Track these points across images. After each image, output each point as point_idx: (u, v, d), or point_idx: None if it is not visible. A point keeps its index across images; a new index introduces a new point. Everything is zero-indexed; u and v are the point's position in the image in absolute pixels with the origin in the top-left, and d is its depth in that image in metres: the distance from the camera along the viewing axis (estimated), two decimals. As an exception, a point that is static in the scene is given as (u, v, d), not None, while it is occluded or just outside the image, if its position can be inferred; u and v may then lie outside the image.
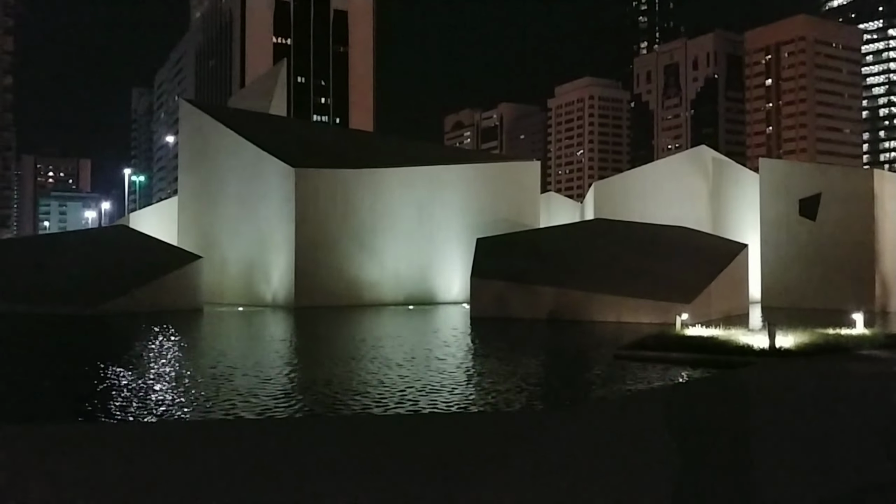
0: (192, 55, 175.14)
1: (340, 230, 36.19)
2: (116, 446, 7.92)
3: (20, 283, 32.66)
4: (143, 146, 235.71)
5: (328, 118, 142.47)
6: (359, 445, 7.72)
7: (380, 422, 9.79)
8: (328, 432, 8.79)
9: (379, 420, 9.93)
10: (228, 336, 23.78)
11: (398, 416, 10.11)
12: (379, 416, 10.16)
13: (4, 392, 12.70)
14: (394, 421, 9.84)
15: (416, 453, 7.39)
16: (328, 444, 7.86)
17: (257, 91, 54.02)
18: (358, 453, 7.26)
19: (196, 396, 11.77)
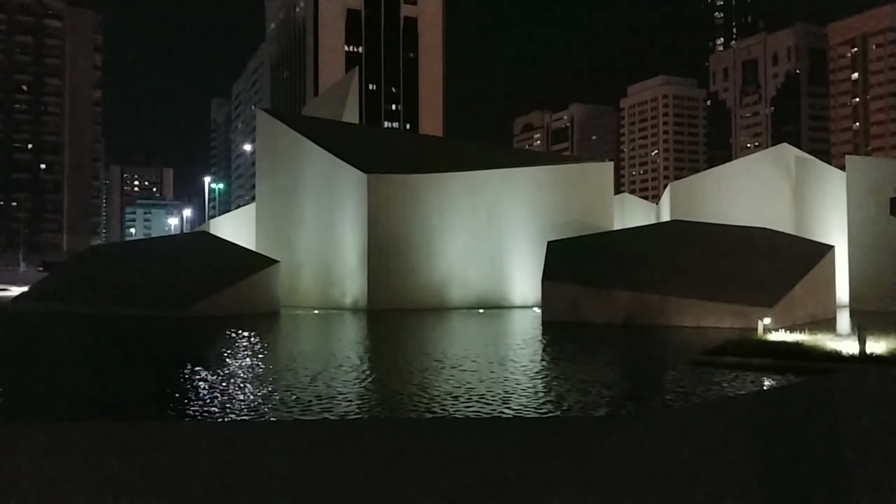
0: (268, 66, 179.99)
1: (411, 234, 36.48)
2: (210, 444, 8.14)
3: (109, 286, 34.16)
4: (221, 155, 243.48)
5: (399, 124, 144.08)
6: (439, 448, 7.72)
7: (456, 425, 9.78)
8: (405, 434, 8.82)
9: (455, 423, 9.91)
10: (311, 338, 24.22)
11: (475, 420, 10.08)
12: (456, 420, 10.15)
13: (107, 391, 13.26)
14: (470, 424, 9.81)
15: (495, 457, 7.33)
16: (407, 447, 7.88)
17: (330, 99, 55.05)
18: (441, 455, 7.26)
19: (288, 396, 12.01)
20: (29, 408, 11.74)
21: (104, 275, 36.44)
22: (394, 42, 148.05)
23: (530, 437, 8.80)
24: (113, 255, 45.44)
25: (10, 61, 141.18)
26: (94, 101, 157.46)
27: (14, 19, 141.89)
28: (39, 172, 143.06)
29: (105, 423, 9.88)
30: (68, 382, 14.48)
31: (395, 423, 10.02)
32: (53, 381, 14.84)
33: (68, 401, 12.27)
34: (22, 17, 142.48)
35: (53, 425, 9.76)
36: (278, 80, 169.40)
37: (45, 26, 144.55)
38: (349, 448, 7.82)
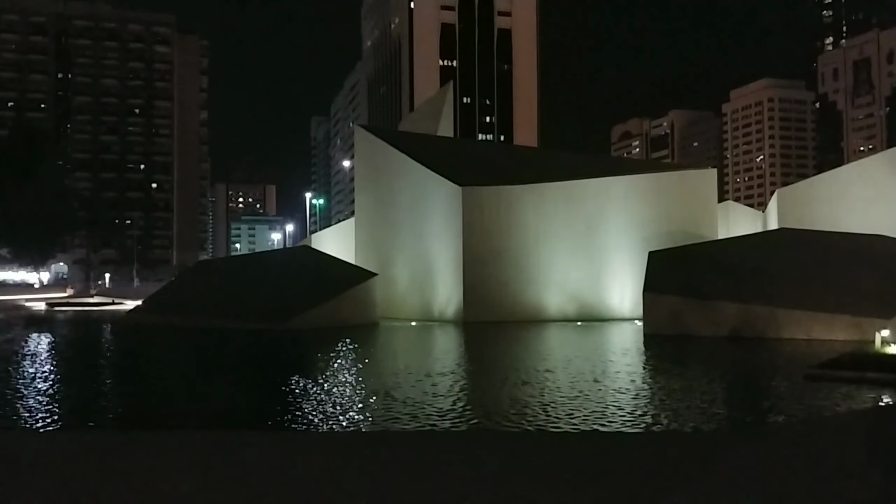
0: (365, 83, 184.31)
1: (507, 246, 36.33)
2: (316, 453, 8.30)
3: (215, 300, 35.63)
4: (321, 171, 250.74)
5: (493, 136, 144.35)
6: (545, 461, 7.58)
7: (557, 439, 9.60)
8: (519, 447, 8.69)
9: (557, 438, 9.73)
10: (415, 351, 24.45)
11: (577, 434, 9.87)
12: (556, 434, 9.97)
13: (225, 400, 13.78)
14: (573, 439, 9.61)
15: (599, 471, 7.14)
16: (527, 460, 7.76)
17: (425, 113, 55.77)
18: (547, 469, 7.12)
19: (401, 406, 12.15)
20: (154, 416, 12.32)
21: (211, 289, 38.08)
22: (488, 54, 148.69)
23: (645, 452, 8.52)
24: (219, 270, 47.47)
25: (124, 87, 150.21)
26: (200, 121, 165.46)
27: (127, 47, 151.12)
28: (151, 191, 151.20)
29: (231, 432, 10.20)
30: (187, 392, 15.13)
31: (507, 436, 9.91)
32: (172, 390, 15.56)
33: (189, 410, 12.80)
34: (133, 45, 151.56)
35: (176, 431, 10.19)
36: (375, 97, 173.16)
37: (154, 52, 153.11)
38: (472, 460, 7.78)
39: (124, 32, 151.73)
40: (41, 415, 11.96)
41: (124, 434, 10.02)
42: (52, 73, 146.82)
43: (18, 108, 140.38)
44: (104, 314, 50.84)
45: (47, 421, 11.53)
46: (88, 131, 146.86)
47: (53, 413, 12.26)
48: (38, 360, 20.79)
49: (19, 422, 11.29)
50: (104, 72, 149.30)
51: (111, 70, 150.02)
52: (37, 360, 20.96)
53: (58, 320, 45.06)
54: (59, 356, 23.34)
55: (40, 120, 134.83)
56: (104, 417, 12.41)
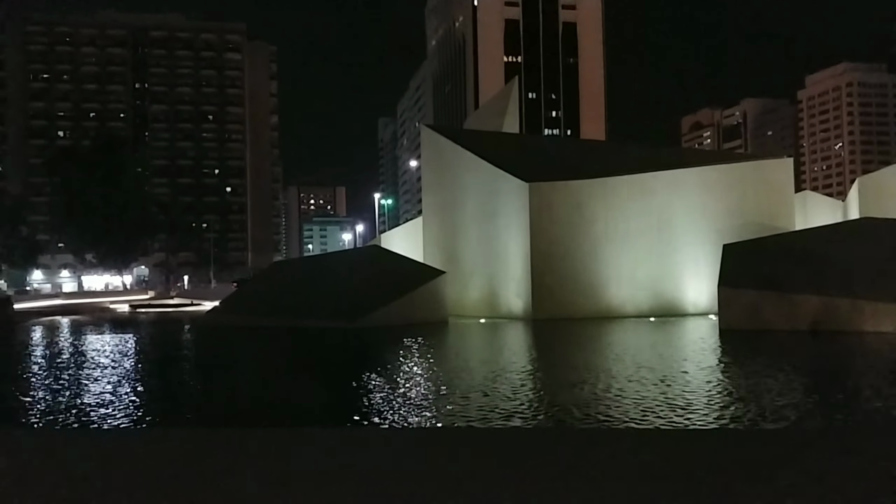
0: (430, 82, 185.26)
1: (576, 241, 35.96)
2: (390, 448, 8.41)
3: (289, 300, 36.46)
4: (389, 171, 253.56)
5: (559, 131, 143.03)
6: (646, 460, 7.48)
7: (639, 437, 9.45)
8: (603, 445, 8.60)
9: (638, 435, 9.59)
10: (487, 348, 24.41)
11: (673, 431, 9.70)
12: (638, 431, 9.82)
13: (306, 398, 14.12)
14: (652, 435, 9.45)
15: (678, 469, 6.99)
16: (611, 458, 7.68)
17: (491, 111, 55.68)
18: (653, 466, 7.03)
19: (480, 403, 12.22)
20: (245, 413, 12.69)
21: (285, 289, 38.98)
22: (553, 49, 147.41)
23: (732, 449, 8.31)
24: (293, 271, 48.53)
25: (198, 94, 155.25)
26: (271, 126, 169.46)
27: (199, 56, 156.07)
28: (226, 195, 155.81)
29: (320, 429, 10.43)
30: (268, 390, 15.54)
31: (587, 434, 9.82)
32: (256, 388, 16.00)
33: (275, 407, 13.15)
34: (206, 53, 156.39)
35: (268, 430, 10.47)
36: (440, 96, 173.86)
37: (226, 60, 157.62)
38: (557, 458, 7.75)
39: (197, 41, 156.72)
40: (133, 413, 12.47)
41: (221, 431, 10.33)
42: (130, 83, 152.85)
43: (100, 119, 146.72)
44: (184, 315, 52.68)
45: (132, 420, 12.01)
46: (165, 138, 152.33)
47: (144, 412, 12.76)
48: (127, 360, 21.68)
49: (117, 420, 11.79)
50: (179, 80, 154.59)
51: (185, 78, 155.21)
52: (125, 359, 21.86)
53: (141, 321, 46.90)
54: (145, 356, 24.30)
55: (120, 129, 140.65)
56: (197, 415, 12.80)
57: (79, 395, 14.36)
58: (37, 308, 61.82)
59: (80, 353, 24.25)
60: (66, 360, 21.51)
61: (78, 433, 10.72)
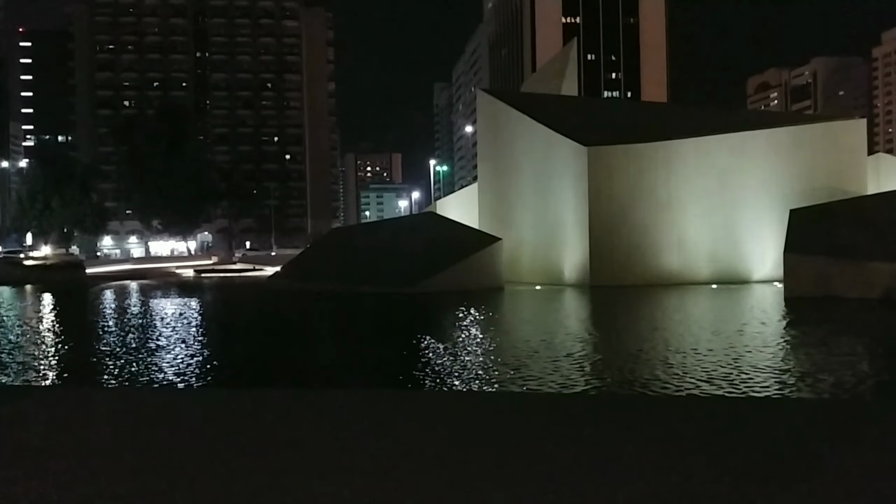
0: (486, 46, 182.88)
1: (636, 206, 35.21)
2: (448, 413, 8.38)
3: (347, 265, 36.85)
4: (444, 137, 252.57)
5: (619, 93, 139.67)
6: (702, 428, 7.28)
7: (697, 403, 9.20)
8: (670, 412, 8.40)
9: (696, 401, 9.34)
10: (547, 314, 24.23)
11: (716, 399, 9.44)
12: (697, 398, 9.58)
13: (371, 360, 14.28)
14: (710, 402, 9.19)
15: (735, 439, 6.76)
16: (678, 426, 7.49)
17: (548, 74, 54.65)
18: (683, 434, 6.84)
19: (545, 368, 12.14)
20: (323, 375, 12.88)
21: (343, 255, 39.40)
22: (612, 8, 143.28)
23: (793, 419, 8.02)
24: (351, 237, 48.99)
25: (256, 62, 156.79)
26: (328, 93, 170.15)
27: (258, 24, 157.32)
28: (285, 162, 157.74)
29: (392, 391, 10.51)
30: (341, 352, 15.76)
31: (669, 402, 9.61)
32: (327, 350, 16.25)
33: (344, 369, 13.34)
34: (264, 21, 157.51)
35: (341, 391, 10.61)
36: (496, 60, 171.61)
37: (283, 27, 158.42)
38: (625, 426, 7.61)
39: (255, 9, 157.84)
40: (208, 373, 12.80)
41: (300, 391, 10.47)
42: (192, 52, 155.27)
43: (163, 88, 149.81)
44: (246, 280, 53.88)
45: (208, 379, 12.31)
46: (225, 107, 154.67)
47: (218, 372, 13.05)
48: (197, 323, 22.25)
49: (197, 380, 12.10)
50: (238, 49, 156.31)
51: (244, 47, 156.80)
52: (195, 322, 22.44)
53: (206, 286, 48.17)
54: (215, 319, 24.91)
55: (182, 98, 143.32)
56: (273, 377, 12.99)
57: (155, 355, 14.78)
58: (107, 273, 64.08)
59: (154, 315, 25.01)
60: (141, 322, 22.19)
61: (155, 391, 11.03)
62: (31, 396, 10.31)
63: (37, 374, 13.10)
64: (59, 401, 9.72)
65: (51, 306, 31.90)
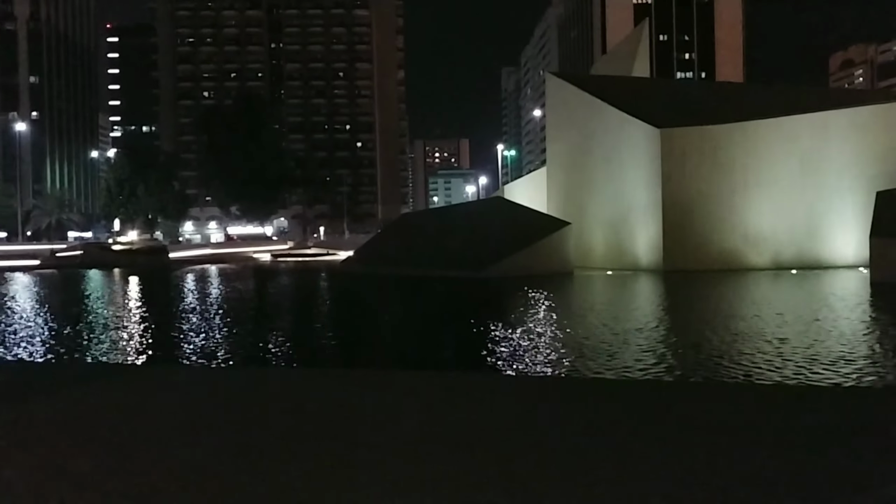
0: (555, 29, 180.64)
1: (711, 190, 34.45)
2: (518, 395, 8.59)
3: (417, 250, 37.33)
4: (512, 122, 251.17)
5: (693, 74, 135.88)
6: (755, 414, 7.28)
7: (775, 393, 9.13)
8: (755, 402, 8.40)
9: (774, 391, 9.26)
10: (621, 300, 23.95)
11: (795, 388, 9.33)
12: (779, 386, 9.49)
13: (444, 343, 14.63)
14: (788, 392, 9.10)
15: (814, 426, 6.73)
16: (736, 413, 7.52)
17: (619, 55, 53.75)
18: (756, 422, 6.86)
19: (623, 353, 12.24)
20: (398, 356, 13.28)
21: (412, 239, 39.92)
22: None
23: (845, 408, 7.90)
24: (420, 222, 49.51)
25: (328, 52, 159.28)
26: (398, 80, 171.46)
27: (329, 13, 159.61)
28: (356, 150, 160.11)
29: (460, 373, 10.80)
30: (416, 334, 16.12)
31: (746, 389, 9.57)
32: (402, 332, 16.66)
33: (421, 351, 13.69)
34: (335, 11, 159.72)
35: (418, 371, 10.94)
36: (565, 42, 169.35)
37: (354, 16, 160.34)
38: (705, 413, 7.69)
39: (327, 0, 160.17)
40: (287, 353, 13.36)
41: (374, 372, 10.86)
42: (267, 43, 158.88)
43: (240, 79, 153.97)
44: (321, 264, 55.17)
45: (286, 360, 12.85)
46: (299, 96, 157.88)
47: (297, 353, 13.59)
48: (279, 305, 23.08)
49: (276, 361, 12.66)
50: (310, 39, 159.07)
51: (317, 37, 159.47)
52: (276, 304, 23.27)
53: (282, 270, 49.61)
54: (294, 301, 25.73)
55: (258, 88, 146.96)
56: (353, 357, 13.39)
57: (235, 335, 15.46)
58: (188, 257, 66.57)
59: (234, 297, 26.02)
60: (222, 304, 23.11)
61: (236, 370, 11.60)
62: (147, 378, 10.95)
63: (138, 353, 13.86)
64: (146, 378, 10.35)
65: (138, 288, 33.48)
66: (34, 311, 21.52)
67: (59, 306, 23.99)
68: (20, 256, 61.36)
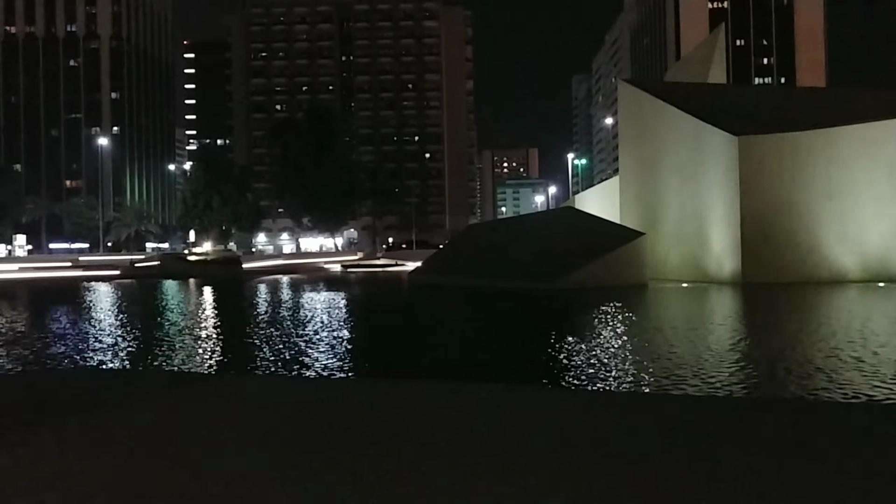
0: (627, 35, 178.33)
1: (792, 199, 33.09)
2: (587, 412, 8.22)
3: (485, 261, 37.03)
4: (583, 130, 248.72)
5: (772, 79, 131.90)
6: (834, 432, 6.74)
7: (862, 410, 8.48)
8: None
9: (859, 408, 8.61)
10: (708, 313, 23.10)
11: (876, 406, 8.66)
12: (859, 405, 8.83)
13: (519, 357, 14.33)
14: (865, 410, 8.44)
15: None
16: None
17: (694, 61, 52.45)
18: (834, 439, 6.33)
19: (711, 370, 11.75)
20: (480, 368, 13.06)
21: (481, 250, 39.64)
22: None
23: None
24: (488, 232, 49.22)
25: (398, 64, 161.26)
26: (466, 91, 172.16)
27: (399, 25, 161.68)
28: (424, 161, 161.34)
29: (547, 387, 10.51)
30: (492, 347, 15.86)
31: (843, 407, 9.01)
32: (480, 344, 16.42)
33: (499, 364, 13.42)
34: (404, 23, 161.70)
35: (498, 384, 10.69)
36: (638, 49, 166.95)
37: (423, 28, 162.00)
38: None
39: (396, 12, 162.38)
40: (358, 364, 13.28)
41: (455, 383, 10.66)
42: (337, 56, 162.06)
43: (311, 91, 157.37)
44: (390, 275, 55.55)
45: (360, 370, 12.77)
46: (369, 108, 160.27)
47: (369, 364, 13.51)
48: (350, 316, 23.16)
49: (345, 370, 12.59)
50: (380, 51, 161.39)
51: (386, 49, 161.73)
52: (348, 315, 23.37)
53: (353, 280, 50.10)
54: (364, 312, 25.83)
55: (329, 100, 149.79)
56: (429, 368, 13.24)
57: (312, 345, 15.49)
58: (261, 267, 68.05)
59: (306, 307, 26.28)
60: (295, 314, 23.35)
61: (301, 380, 11.55)
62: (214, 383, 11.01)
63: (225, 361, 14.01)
64: (222, 387, 10.35)
65: (212, 297, 34.25)
66: (140, 320, 22.17)
67: (176, 315, 24.67)
68: (101, 267, 63.91)
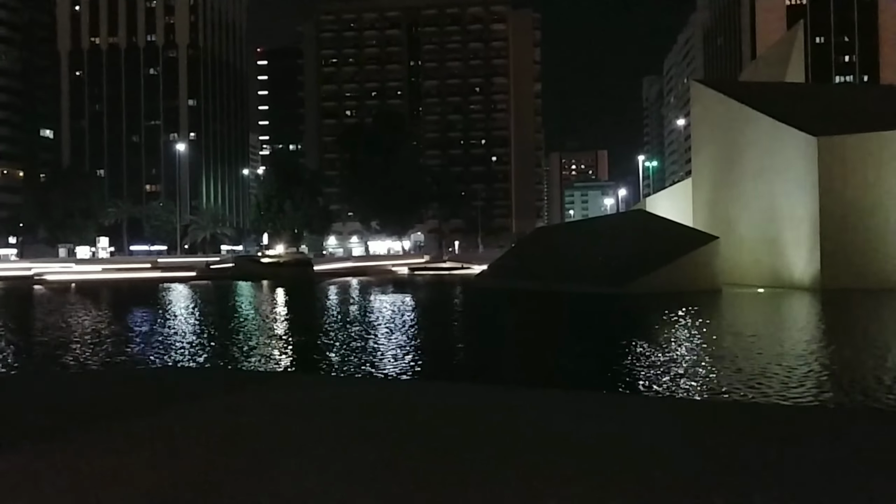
0: (700, 35, 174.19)
1: (876, 202, 31.74)
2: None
3: (553, 264, 36.76)
4: (654, 132, 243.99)
5: (854, 77, 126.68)
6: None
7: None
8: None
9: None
10: (790, 320, 22.21)
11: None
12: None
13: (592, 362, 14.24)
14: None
15: None
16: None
17: (770, 60, 50.87)
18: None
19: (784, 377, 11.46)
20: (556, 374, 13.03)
21: (548, 254, 39.38)
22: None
23: None
24: (555, 236, 48.86)
25: (466, 68, 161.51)
26: (534, 94, 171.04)
27: (466, 29, 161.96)
28: (491, 164, 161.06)
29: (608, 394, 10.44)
30: (564, 352, 15.76)
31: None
32: (551, 349, 16.34)
33: (568, 369, 13.33)
34: (472, 27, 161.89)
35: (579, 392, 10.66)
36: (711, 49, 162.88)
37: (491, 31, 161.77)
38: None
39: (464, 16, 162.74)
40: (419, 367, 13.41)
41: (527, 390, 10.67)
42: (406, 61, 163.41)
43: (380, 97, 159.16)
44: (456, 278, 55.71)
45: (421, 372, 12.89)
46: (437, 112, 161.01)
47: (432, 367, 13.61)
48: (420, 319, 23.38)
49: (416, 373, 12.74)
50: (448, 55, 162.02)
51: (454, 53, 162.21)
52: (416, 317, 23.60)
53: (420, 283, 50.48)
54: (436, 315, 25.97)
55: (398, 105, 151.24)
56: (500, 373, 13.26)
57: (384, 347, 15.68)
58: (332, 269, 69.28)
59: (377, 309, 26.60)
60: (366, 316, 23.66)
61: (366, 381, 11.72)
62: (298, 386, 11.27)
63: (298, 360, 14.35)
64: (296, 387, 10.59)
65: (286, 299, 35.05)
66: (228, 319, 22.92)
67: (265, 316, 25.41)
68: (179, 268, 66.15)
